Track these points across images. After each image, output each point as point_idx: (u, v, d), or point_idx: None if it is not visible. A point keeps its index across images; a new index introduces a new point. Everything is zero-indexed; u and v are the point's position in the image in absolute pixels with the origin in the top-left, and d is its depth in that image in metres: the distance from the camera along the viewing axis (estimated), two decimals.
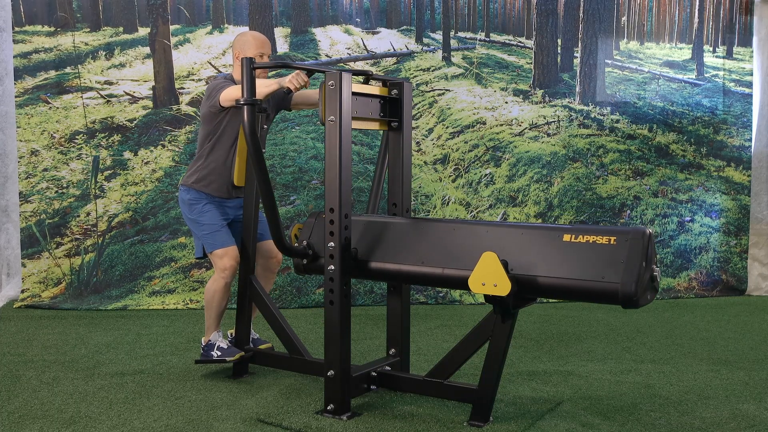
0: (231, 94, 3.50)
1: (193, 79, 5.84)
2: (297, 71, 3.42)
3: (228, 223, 3.80)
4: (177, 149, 5.80)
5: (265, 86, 3.41)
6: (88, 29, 5.84)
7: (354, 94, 3.17)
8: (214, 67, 5.86)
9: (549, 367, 4.00)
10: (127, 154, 5.77)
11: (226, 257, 3.67)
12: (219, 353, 3.69)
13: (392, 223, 3.27)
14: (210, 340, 3.74)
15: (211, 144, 3.71)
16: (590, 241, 2.71)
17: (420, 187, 5.93)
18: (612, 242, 2.67)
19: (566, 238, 2.77)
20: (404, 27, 6.11)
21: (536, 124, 6.10)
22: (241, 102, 3.12)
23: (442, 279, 3.06)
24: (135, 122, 5.80)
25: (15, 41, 5.74)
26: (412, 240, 3.16)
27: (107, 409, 3.28)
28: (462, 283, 2.96)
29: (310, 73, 3.38)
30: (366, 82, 3.46)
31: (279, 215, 3.28)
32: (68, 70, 5.78)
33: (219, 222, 3.73)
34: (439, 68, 6.10)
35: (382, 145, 3.65)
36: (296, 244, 3.43)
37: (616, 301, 2.64)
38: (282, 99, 3.85)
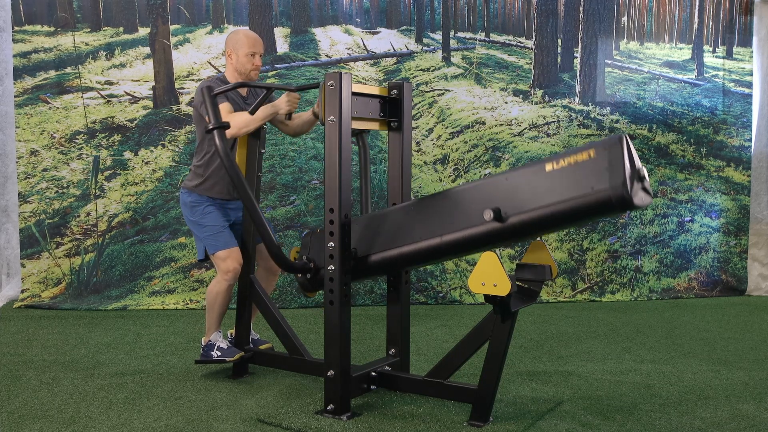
0: (240, 124, 3.51)
1: (193, 79, 5.84)
2: (286, 93, 3.52)
3: (230, 224, 3.79)
4: (177, 149, 5.80)
5: (261, 116, 3.53)
6: (89, 29, 5.84)
7: (354, 94, 3.17)
8: (214, 67, 5.86)
9: (549, 367, 4.00)
10: (127, 154, 5.77)
11: (229, 259, 3.66)
12: (219, 353, 3.69)
13: (383, 214, 3.25)
14: (210, 340, 3.74)
15: (210, 147, 3.70)
16: (572, 163, 2.70)
17: (420, 187, 5.93)
18: (592, 155, 2.65)
19: (549, 168, 2.75)
20: (404, 27, 6.11)
21: (536, 124, 6.10)
22: (210, 127, 3.25)
23: (441, 247, 3.02)
24: (135, 122, 5.80)
25: (15, 41, 5.74)
26: (406, 221, 3.14)
27: (107, 409, 3.28)
28: (461, 245, 2.94)
29: (270, 90, 3.51)
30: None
31: (272, 235, 3.29)
32: (68, 70, 5.78)
33: (221, 223, 3.71)
34: (439, 68, 6.10)
35: (359, 149, 3.66)
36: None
37: (612, 205, 2.60)
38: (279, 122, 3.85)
